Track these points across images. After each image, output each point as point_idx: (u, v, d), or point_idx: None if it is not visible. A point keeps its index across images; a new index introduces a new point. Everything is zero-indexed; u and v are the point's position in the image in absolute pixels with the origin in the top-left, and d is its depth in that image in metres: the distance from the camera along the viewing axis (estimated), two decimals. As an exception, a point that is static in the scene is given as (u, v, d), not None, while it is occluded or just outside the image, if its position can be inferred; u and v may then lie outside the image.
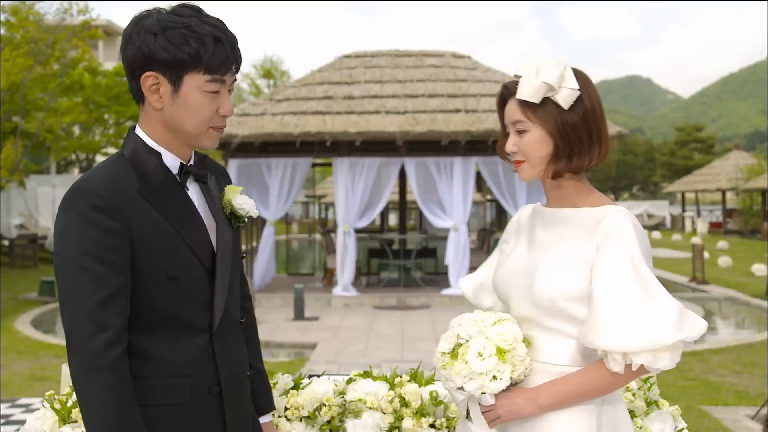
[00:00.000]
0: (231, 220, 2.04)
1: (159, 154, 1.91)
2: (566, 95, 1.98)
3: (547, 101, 1.98)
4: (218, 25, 1.88)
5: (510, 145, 2.03)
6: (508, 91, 2.07)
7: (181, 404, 1.88)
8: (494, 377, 1.89)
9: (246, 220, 2.07)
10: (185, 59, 1.82)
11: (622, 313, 1.86)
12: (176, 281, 1.87)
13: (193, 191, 1.97)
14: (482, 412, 1.96)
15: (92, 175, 1.87)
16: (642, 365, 1.86)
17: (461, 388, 1.91)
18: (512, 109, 2.02)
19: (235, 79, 1.97)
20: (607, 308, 1.87)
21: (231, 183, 2.15)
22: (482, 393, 1.90)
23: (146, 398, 1.84)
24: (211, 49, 1.84)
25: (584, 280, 1.92)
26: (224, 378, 1.95)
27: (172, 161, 1.93)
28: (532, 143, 2.01)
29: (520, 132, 2.02)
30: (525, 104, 2.00)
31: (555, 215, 2.06)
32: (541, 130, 2.01)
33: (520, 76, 2.02)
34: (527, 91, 1.99)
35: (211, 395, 1.93)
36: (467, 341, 1.92)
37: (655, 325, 1.84)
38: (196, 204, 1.96)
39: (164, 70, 1.84)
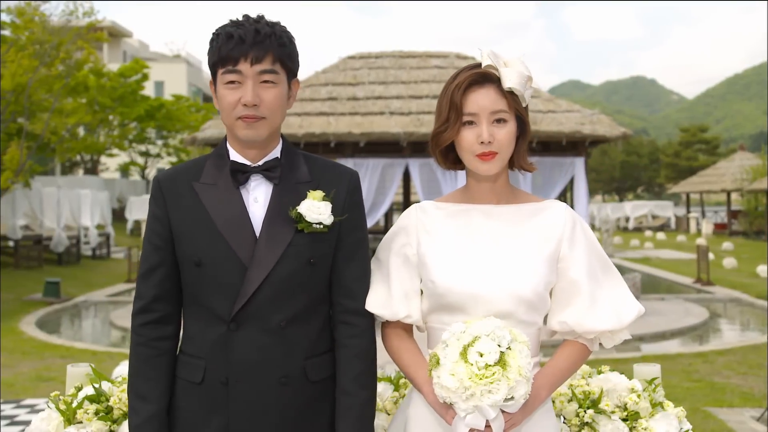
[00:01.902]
0: (298, 222, 2.02)
1: (228, 153, 2.09)
2: (531, 93, 2.03)
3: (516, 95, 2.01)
4: (240, 23, 2.02)
5: (487, 135, 1.95)
6: (484, 78, 1.98)
7: (196, 384, 2.04)
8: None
9: (318, 225, 2.01)
10: (211, 59, 2.03)
11: (606, 296, 2.03)
12: (201, 267, 2.01)
13: (260, 189, 2.06)
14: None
15: (173, 166, 2.17)
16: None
17: (510, 399, 1.81)
18: (494, 98, 1.96)
19: (270, 71, 2.00)
20: (593, 294, 2.01)
21: (351, 189, 2.10)
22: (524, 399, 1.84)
23: (179, 370, 2.08)
24: (221, 44, 2.00)
25: (553, 271, 2.02)
26: (234, 371, 2.00)
27: (233, 159, 2.07)
28: (510, 135, 1.99)
29: (498, 122, 1.97)
30: (508, 95, 1.97)
31: (502, 211, 2.06)
32: (514, 123, 2.01)
33: (494, 67, 1.97)
34: (517, 81, 1.96)
35: (220, 384, 2.01)
36: (509, 348, 1.82)
37: (630, 301, 2.05)
38: (260, 201, 2.05)
39: (211, 75, 2.07)
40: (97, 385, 2.51)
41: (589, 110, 13.30)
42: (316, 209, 2.01)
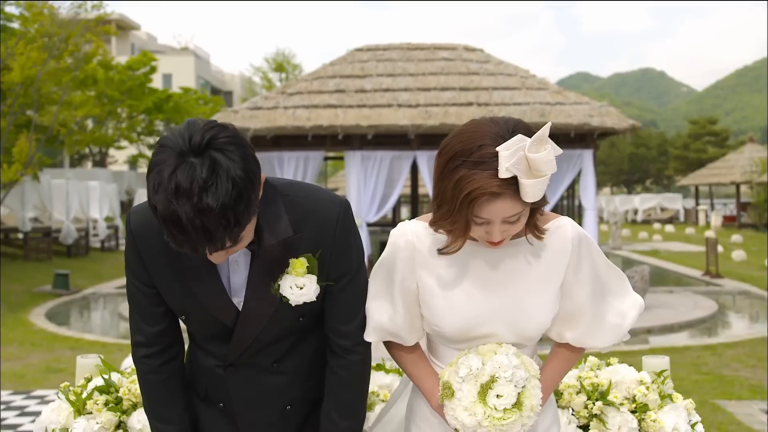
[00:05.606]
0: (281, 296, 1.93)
1: None
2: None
3: None
4: (184, 229, 1.66)
5: (498, 237, 1.85)
6: (498, 192, 1.77)
7: (201, 399, 2.13)
8: None
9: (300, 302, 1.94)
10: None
11: (607, 313, 2.04)
12: (189, 320, 2.03)
13: (241, 258, 1.93)
14: None
15: (142, 205, 1.95)
16: None
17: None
18: (510, 205, 1.80)
19: (232, 246, 1.75)
20: (595, 315, 2.03)
21: (339, 225, 1.95)
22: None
23: (193, 389, 2.13)
24: (173, 242, 1.71)
25: (558, 297, 2.02)
26: (235, 401, 2.06)
27: None
28: (522, 225, 1.90)
29: (512, 222, 1.85)
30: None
31: (506, 248, 1.96)
32: (528, 211, 1.89)
33: (514, 177, 1.78)
34: (536, 194, 1.80)
35: (223, 406, 2.09)
36: (524, 387, 1.88)
37: (631, 310, 2.06)
38: (241, 264, 1.93)
39: None
40: (106, 376, 2.53)
41: (597, 102, 13.25)
42: (298, 292, 1.91)
